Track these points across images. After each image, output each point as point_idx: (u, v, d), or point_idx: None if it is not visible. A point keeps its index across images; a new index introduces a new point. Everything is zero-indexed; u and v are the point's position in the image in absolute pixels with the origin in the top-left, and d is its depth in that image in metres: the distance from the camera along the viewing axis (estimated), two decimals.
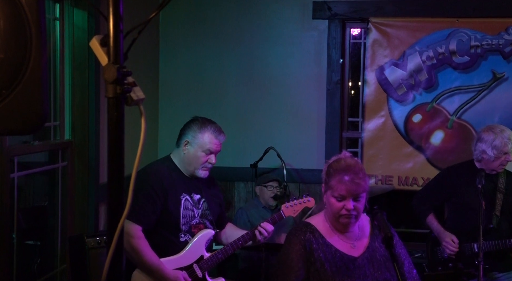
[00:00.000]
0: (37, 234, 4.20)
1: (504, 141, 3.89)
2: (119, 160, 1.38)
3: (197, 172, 3.37)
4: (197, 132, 3.34)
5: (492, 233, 3.89)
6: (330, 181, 2.55)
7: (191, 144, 3.35)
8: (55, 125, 4.00)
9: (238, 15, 5.23)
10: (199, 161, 3.34)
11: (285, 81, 5.20)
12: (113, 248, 1.35)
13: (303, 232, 2.60)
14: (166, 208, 3.27)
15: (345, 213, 2.53)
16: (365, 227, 2.68)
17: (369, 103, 5.03)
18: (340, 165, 2.55)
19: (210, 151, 3.34)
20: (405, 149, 4.98)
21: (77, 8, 4.01)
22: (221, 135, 3.39)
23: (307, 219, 2.74)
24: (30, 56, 1.34)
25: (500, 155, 3.90)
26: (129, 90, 1.34)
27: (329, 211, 2.59)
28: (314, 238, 2.58)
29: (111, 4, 1.33)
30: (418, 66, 4.94)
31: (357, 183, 2.50)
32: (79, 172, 4.10)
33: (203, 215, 3.40)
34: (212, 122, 3.41)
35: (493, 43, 4.83)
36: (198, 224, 3.37)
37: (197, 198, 3.40)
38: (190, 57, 5.31)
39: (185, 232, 3.32)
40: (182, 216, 3.30)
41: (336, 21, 5.08)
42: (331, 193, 2.54)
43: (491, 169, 3.96)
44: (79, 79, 4.05)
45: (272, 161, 5.02)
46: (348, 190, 2.50)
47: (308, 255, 2.56)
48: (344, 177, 2.50)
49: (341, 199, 2.52)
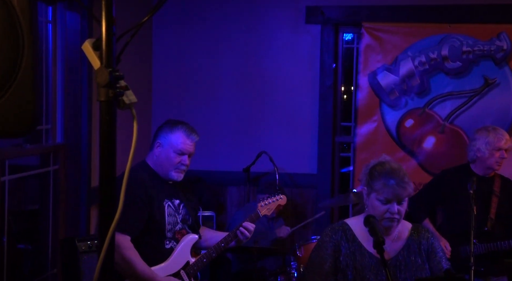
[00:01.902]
0: (28, 237, 4.18)
1: (497, 136, 3.97)
2: (111, 163, 1.38)
3: (171, 173, 3.29)
4: (168, 133, 3.29)
5: (487, 236, 3.91)
6: (374, 184, 2.58)
7: (162, 145, 3.29)
8: (47, 129, 3.99)
9: (232, 19, 5.23)
10: (171, 162, 3.27)
11: (278, 85, 5.21)
12: (104, 252, 1.34)
13: (338, 231, 2.65)
14: (152, 216, 3.21)
15: (389, 216, 2.57)
16: (402, 233, 2.70)
17: (361, 108, 5.05)
18: (384, 168, 2.60)
19: (182, 152, 3.27)
20: (397, 153, 4.99)
21: (70, 11, 4.00)
22: (193, 135, 3.32)
23: (347, 219, 2.77)
24: (22, 59, 1.33)
25: (494, 151, 3.95)
26: (121, 93, 1.34)
27: (371, 213, 2.61)
28: (346, 239, 2.63)
29: (104, 7, 1.33)
30: (410, 71, 4.96)
31: (403, 187, 2.55)
32: (71, 175, 4.08)
33: (183, 220, 3.37)
34: (183, 123, 3.35)
35: (484, 49, 4.86)
36: (181, 230, 3.34)
37: (177, 203, 3.36)
38: (184, 61, 5.31)
39: (170, 238, 3.28)
40: (167, 222, 3.26)
41: (329, 25, 5.10)
42: (375, 196, 2.58)
43: (487, 167, 3.99)
44: (72, 83, 4.04)
45: (265, 165, 5.02)
46: (395, 194, 2.54)
47: (338, 255, 2.61)
48: (390, 181, 2.55)
49: (386, 202, 2.56)
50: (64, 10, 4.00)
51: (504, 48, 4.82)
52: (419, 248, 2.67)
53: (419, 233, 2.71)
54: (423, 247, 2.67)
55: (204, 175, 5.19)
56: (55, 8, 3.98)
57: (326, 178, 5.14)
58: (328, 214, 5.06)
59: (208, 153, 5.20)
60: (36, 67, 1.35)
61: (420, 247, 2.67)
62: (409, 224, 2.74)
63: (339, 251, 2.62)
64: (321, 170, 5.14)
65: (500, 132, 4.01)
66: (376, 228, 2.51)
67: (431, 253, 2.66)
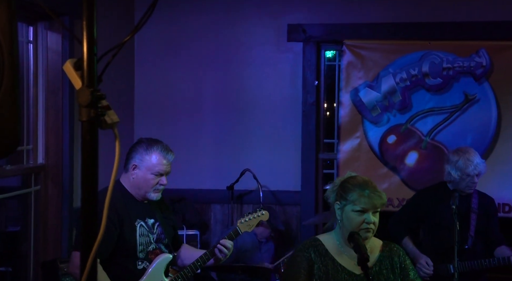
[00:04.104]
0: (9, 259, 4.12)
1: (466, 163, 3.92)
2: (93, 184, 1.37)
3: (149, 195, 3.24)
4: (144, 155, 3.20)
5: (467, 254, 3.91)
6: (349, 195, 2.60)
7: (139, 167, 3.21)
8: (28, 149, 3.95)
9: (214, 37, 5.25)
10: (149, 184, 3.21)
11: (260, 103, 5.22)
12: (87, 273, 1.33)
13: (310, 247, 2.66)
14: (122, 237, 3.15)
15: (365, 227, 2.59)
16: (374, 248, 2.71)
17: (344, 124, 5.07)
18: (357, 180, 2.65)
19: (160, 173, 3.21)
20: (380, 169, 5.02)
21: (50, 31, 3.99)
22: (169, 155, 3.24)
23: (319, 235, 2.78)
24: (2, 79, 1.32)
25: (464, 177, 3.94)
26: (103, 113, 1.33)
27: (346, 227, 2.62)
28: (319, 253, 2.64)
29: (85, 27, 1.33)
30: (392, 88, 5.00)
31: (378, 195, 2.59)
32: (53, 196, 4.04)
33: (158, 239, 3.30)
34: (158, 142, 3.26)
35: (464, 65, 4.92)
36: (155, 250, 3.27)
37: (151, 222, 3.29)
38: (166, 79, 5.31)
39: (142, 259, 3.21)
40: (138, 243, 3.19)
41: (311, 43, 5.13)
42: (351, 207, 2.59)
43: (460, 190, 3.99)
44: (53, 103, 4.02)
45: (249, 182, 5.01)
46: (371, 203, 2.58)
47: (311, 269, 2.61)
48: (365, 190, 2.59)
49: (362, 212, 2.58)
50: (45, 30, 3.99)
51: (484, 64, 4.89)
52: (391, 264, 2.69)
53: (391, 249, 2.74)
54: (395, 263, 2.69)
55: (188, 194, 5.16)
56: (36, 28, 3.96)
57: (310, 195, 5.15)
58: (312, 231, 5.05)
59: (191, 171, 5.18)
60: (16, 88, 1.34)
61: (392, 263, 2.69)
62: (379, 241, 2.77)
63: (312, 266, 2.63)
64: (305, 187, 5.14)
65: (471, 159, 3.94)
66: (361, 244, 2.53)
67: (404, 269, 2.70)
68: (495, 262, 3.92)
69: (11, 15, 1.32)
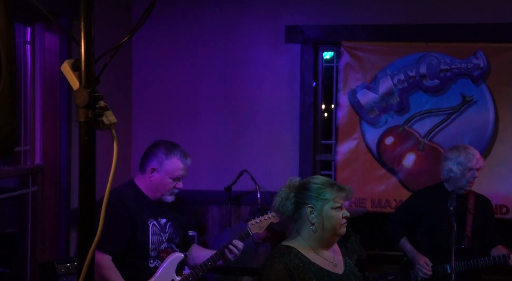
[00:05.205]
0: (5, 261, 4.11)
1: (468, 157, 3.98)
2: (91, 185, 1.37)
3: (165, 197, 3.33)
4: (163, 159, 3.30)
5: (464, 254, 3.92)
6: (325, 195, 2.57)
7: (158, 171, 3.30)
8: (26, 150, 3.95)
9: (212, 39, 5.25)
10: (167, 188, 3.31)
11: (258, 104, 5.22)
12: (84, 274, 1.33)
13: (286, 254, 2.56)
14: (134, 235, 3.21)
15: (344, 222, 2.60)
16: (334, 246, 2.71)
17: (342, 126, 5.07)
18: (320, 179, 2.64)
19: (178, 178, 3.32)
20: (378, 171, 5.02)
21: (48, 32, 3.99)
22: (188, 160, 3.37)
23: (285, 242, 2.69)
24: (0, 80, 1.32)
25: (465, 171, 3.97)
26: (101, 114, 1.34)
27: (327, 227, 2.59)
28: (298, 259, 2.56)
29: (83, 28, 1.33)
30: (389, 89, 5.00)
31: (346, 187, 2.61)
32: (50, 197, 4.03)
33: (170, 239, 3.37)
34: (177, 147, 3.37)
35: (462, 67, 4.93)
36: (167, 249, 3.33)
37: (163, 222, 3.36)
38: (164, 80, 5.30)
39: (154, 257, 3.27)
40: (151, 242, 3.26)
41: (308, 45, 5.14)
42: (331, 205, 2.57)
43: (459, 187, 4.02)
44: (50, 103, 4.01)
45: (246, 184, 5.01)
46: (347, 196, 2.60)
47: (293, 276, 2.51)
48: (335, 186, 2.59)
49: (340, 208, 2.59)
50: (43, 31, 3.98)
51: (481, 66, 4.89)
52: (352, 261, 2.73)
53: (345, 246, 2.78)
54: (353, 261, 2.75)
55: (185, 195, 5.15)
56: (34, 29, 3.96)
57: None
58: None
59: (189, 172, 5.11)
60: (14, 89, 1.34)
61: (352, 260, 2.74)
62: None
63: (292, 273, 2.52)
64: None
65: (471, 152, 4.02)
66: (359, 246, 2.53)
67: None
68: (491, 261, 3.93)
69: (8, 16, 1.32)
